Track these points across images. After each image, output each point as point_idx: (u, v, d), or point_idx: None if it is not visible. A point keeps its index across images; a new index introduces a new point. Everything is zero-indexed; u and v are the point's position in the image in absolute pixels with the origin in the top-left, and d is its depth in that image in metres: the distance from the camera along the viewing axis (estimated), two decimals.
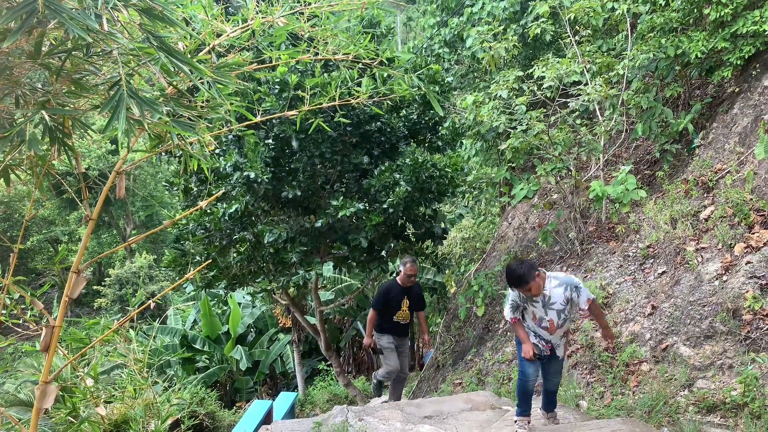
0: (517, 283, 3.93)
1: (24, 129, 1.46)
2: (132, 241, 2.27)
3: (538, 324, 4.18)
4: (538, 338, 4.23)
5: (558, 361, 4.35)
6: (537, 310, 4.14)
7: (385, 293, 6.14)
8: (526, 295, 4.03)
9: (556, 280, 4.05)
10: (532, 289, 3.95)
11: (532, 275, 3.91)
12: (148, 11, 1.35)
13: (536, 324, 4.19)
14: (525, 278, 3.89)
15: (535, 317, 4.18)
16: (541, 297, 4.04)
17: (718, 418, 4.13)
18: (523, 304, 4.19)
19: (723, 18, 5.69)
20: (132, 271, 20.94)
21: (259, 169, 6.03)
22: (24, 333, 2.47)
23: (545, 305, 4.07)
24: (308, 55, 2.20)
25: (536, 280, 3.93)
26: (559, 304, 4.05)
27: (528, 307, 4.17)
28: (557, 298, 4.04)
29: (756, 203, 4.97)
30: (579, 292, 4.03)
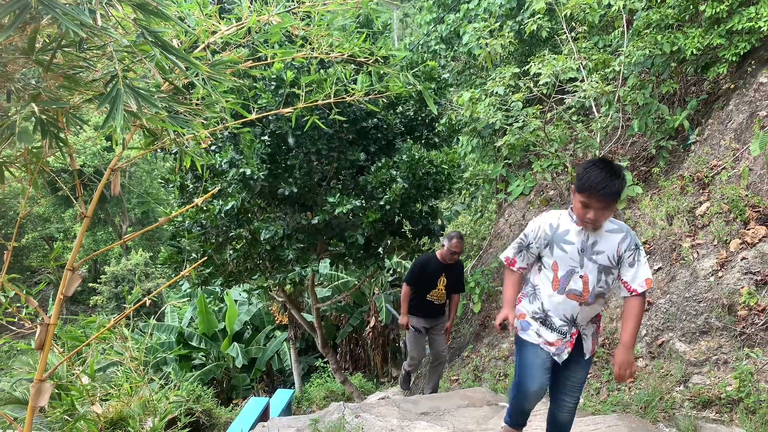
0: (619, 191, 2.57)
1: (14, 122, 1.45)
2: (128, 239, 2.26)
3: (561, 288, 2.78)
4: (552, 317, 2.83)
5: (583, 364, 2.94)
6: (566, 258, 2.74)
7: (421, 267, 5.50)
8: (586, 219, 2.63)
9: (612, 223, 2.76)
10: (607, 215, 2.63)
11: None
12: (143, 6, 1.34)
13: (558, 290, 2.79)
14: (620, 188, 2.58)
15: (558, 270, 2.77)
16: (582, 235, 2.73)
17: (714, 414, 4.14)
18: (542, 241, 2.82)
19: (718, 14, 5.69)
20: (128, 269, 20.89)
21: (256, 166, 6.01)
22: (19, 331, 2.46)
23: (585, 250, 2.72)
24: (303, 53, 2.20)
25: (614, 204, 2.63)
26: (606, 256, 2.72)
27: (551, 251, 2.79)
28: (607, 245, 2.72)
29: (751, 199, 4.99)
30: (639, 255, 2.72)
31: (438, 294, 5.51)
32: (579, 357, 2.93)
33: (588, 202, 2.59)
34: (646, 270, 2.73)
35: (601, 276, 2.75)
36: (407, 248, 7.57)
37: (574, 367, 2.94)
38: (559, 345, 2.87)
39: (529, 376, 2.90)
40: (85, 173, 9.66)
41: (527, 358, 2.92)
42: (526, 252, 2.93)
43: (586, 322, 2.88)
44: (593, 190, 2.55)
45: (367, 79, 2.43)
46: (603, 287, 2.78)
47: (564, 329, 2.86)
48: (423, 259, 5.63)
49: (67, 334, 2.76)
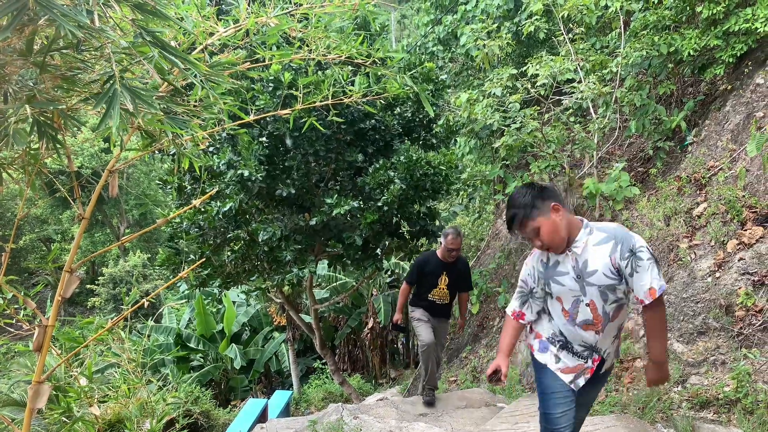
0: (513, 218, 2.46)
1: (9, 124, 1.45)
2: (125, 240, 2.26)
3: (571, 319, 2.57)
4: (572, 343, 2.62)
5: (598, 382, 2.77)
6: (565, 290, 2.53)
7: (419, 265, 5.28)
8: (536, 246, 2.52)
9: (600, 232, 2.46)
10: (542, 236, 2.43)
11: (542, 206, 2.41)
12: (141, 6, 1.34)
13: (569, 320, 2.59)
14: (527, 209, 2.42)
15: (564, 305, 2.57)
16: (570, 260, 2.49)
17: (711, 414, 4.15)
18: (540, 281, 2.62)
19: (715, 16, 5.71)
20: (126, 270, 20.86)
21: (253, 167, 6.02)
22: (17, 333, 2.46)
23: (579, 276, 2.48)
24: (301, 55, 2.20)
25: (551, 218, 2.41)
26: (602, 274, 2.43)
27: (550, 288, 2.58)
28: (599, 262, 2.43)
29: (748, 200, 5.00)
30: (638, 261, 2.38)
31: (440, 293, 5.26)
32: (600, 378, 2.74)
33: (523, 234, 2.55)
34: (649, 277, 2.38)
35: (608, 296, 2.48)
36: (405, 249, 7.57)
37: (589, 386, 2.70)
38: (578, 371, 2.65)
39: (553, 402, 2.66)
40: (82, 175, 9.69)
41: (548, 382, 2.69)
42: (532, 300, 2.71)
43: (608, 343, 2.64)
44: (509, 227, 2.57)
45: (365, 81, 2.43)
46: (615, 303, 2.51)
47: (585, 354, 2.64)
48: (422, 257, 5.41)
49: (64, 335, 2.76)
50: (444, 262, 5.24)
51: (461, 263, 5.41)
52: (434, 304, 5.28)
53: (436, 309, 5.31)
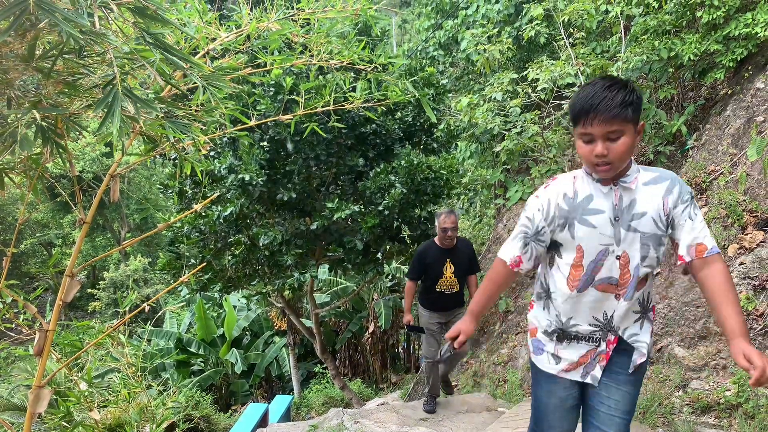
0: (610, 101, 1.80)
1: (16, 130, 1.45)
2: (126, 245, 2.26)
3: (586, 276, 2.01)
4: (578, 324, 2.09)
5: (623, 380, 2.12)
6: (594, 235, 1.96)
7: (420, 257, 4.83)
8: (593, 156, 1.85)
9: (649, 172, 1.99)
10: (618, 147, 1.84)
11: (637, 115, 1.87)
12: (142, 10, 1.34)
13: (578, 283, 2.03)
14: (632, 104, 1.83)
15: (584, 256, 2.00)
16: (613, 196, 1.95)
17: (713, 419, 4.14)
18: (557, 220, 2.03)
19: (715, 20, 5.72)
20: (126, 275, 20.87)
21: (254, 172, 6.02)
22: (17, 337, 2.46)
23: (618, 218, 1.94)
24: (302, 60, 2.21)
25: (634, 135, 1.88)
26: (651, 218, 1.93)
27: (572, 232, 2.00)
28: (649, 204, 1.94)
29: (749, 204, 5.00)
30: (696, 211, 1.96)
31: (448, 282, 4.81)
32: (617, 371, 2.11)
33: (589, 132, 1.83)
34: (705, 230, 1.95)
35: (649, 250, 1.94)
36: (406, 253, 7.57)
37: (609, 385, 2.11)
38: (587, 362, 2.11)
39: (545, 422, 2.23)
40: (84, 179, 9.69)
41: (541, 398, 2.24)
42: (535, 244, 2.10)
43: (630, 321, 2.06)
44: (588, 108, 1.81)
45: (366, 86, 2.44)
46: (651, 265, 1.98)
47: (597, 335, 2.08)
48: (421, 248, 4.94)
49: (64, 340, 2.76)
50: (445, 249, 4.82)
51: (463, 245, 4.96)
52: (444, 295, 4.85)
53: (447, 300, 4.87)
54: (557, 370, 2.18)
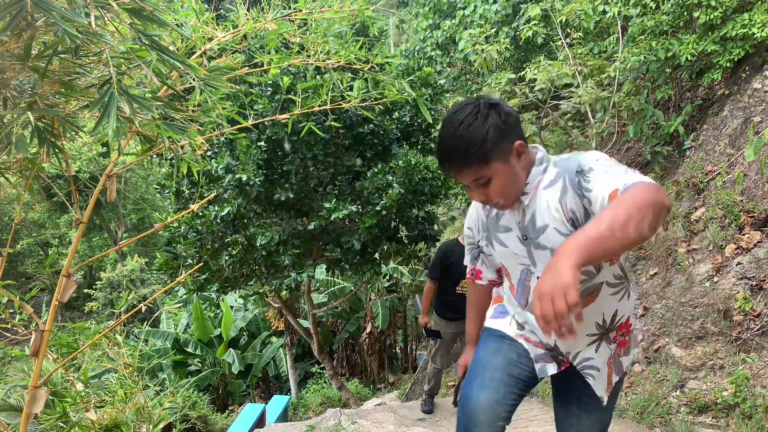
0: (452, 157, 1.59)
1: (11, 131, 1.45)
2: (123, 245, 2.25)
3: (520, 296, 1.82)
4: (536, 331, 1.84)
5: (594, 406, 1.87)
6: (509, 255, 1.79)
7: (442, 258, 4.56)
8: (476, 200, 1.70)
9: (554, 168, 1.69)
10: (493, 190, 1.62)
11: (503, 145, 1.58)
12: (138, 11, 1.34)
13: (518, 294, 1.83)
14: (480, 149, 1.54)
15: (510, 275, 1.84)
16: (517, 212, 1.73)
17: (710, 419, 4.15)
18: (484, 236, 1.87)
19: (712, 21, 5.73)
20: (123, 275, 20.83)
21: (252, 172, 6.01)
22: (13, 337, 2.45)
23: (527, 235, 1.72)
24: (299, 60, 2.20)
25: (510, 163, 1.61)
26: (554, 230, 1.66)
27: (492, 246, 1.83)
28: (549, 214, 1.67)
29: (746, 205, 5.01)
30: (588, 175, 1.56)
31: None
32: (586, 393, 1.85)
33: (459, 182, 1.66)
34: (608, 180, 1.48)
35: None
36: (403, 254, 7.57)
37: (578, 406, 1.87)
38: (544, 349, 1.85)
39: (475, 379, 1.83)
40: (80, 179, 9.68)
41: (482, 357, 1.88)
42: (484, 256, 1.96)
43: (581, 344, 1.78)
44: (441, 162, 1.63)
45: (364, 86, 2.44)
46: (581, 279, 1.64)
47: (539, 347, 1.87)
48: (444, 247, 4.69)
49: (59, 340, 2.75)
50: None
51: None
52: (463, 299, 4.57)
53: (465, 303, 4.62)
54: (515, 334, 1.88)
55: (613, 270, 1.72)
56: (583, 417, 1.90)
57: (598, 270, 1.69)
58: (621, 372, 1.88)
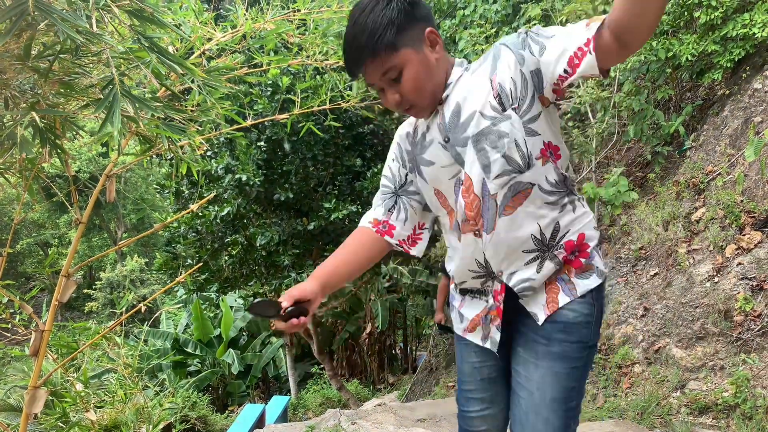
0: (359, 48, 1.41)
1: (14, 131, 1.45)
2: (123, 245, 2.25)
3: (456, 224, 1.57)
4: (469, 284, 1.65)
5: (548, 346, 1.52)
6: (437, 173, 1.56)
7: None
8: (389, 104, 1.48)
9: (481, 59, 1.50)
10: (405, 83, 1.43)
11: (412, 30, 1.42)
12: (138, 13, 1.34)
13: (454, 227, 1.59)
14: (385, 33, 1.37)
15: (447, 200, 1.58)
16: (438, 118, 1.52)
17: (710, 420, 4.14)
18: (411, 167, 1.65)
19: (713, 21, 5.73)
20: (123, 275, 20.83)
21: (251, 172, 6.01)
22: (13, 337, 2.45)
23: (450, 135, 1.49)
24: (298, 60, 2.20)
25: (423, 52, 1.44)
26: (479, 114, 1.42)
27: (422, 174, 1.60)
28: (477, 98, 1.44)
29: (746, 205, 5.00)
30: (539, 33, 1.39)
31: None
32: (534, 337, 1.55)
33: (369, 84, 1.48)
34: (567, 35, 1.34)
35: (487, 153, 1.42)
36: (403, 254, 7.56)
37: (527, 360, 1.56)
38: (482, 320, 1.63)
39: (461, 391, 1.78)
40: (80, 179, 9.67)
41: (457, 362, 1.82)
42: (407, 199, 1.68)
43: (518, 261, 1.51)
44: (348, 64, 1.48)
45: (363, 85, 2.43)
46: (506, 170, 1.42)
47: (482, 286, 1.61)
48: None
49: (59, 340, 2.75)
50: None
51: None
52: None
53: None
54: (461, 330, 1.75)
55: (547, 172, 1.47)
56: (530, 364, 1.55)
57: (528, 166, 1.44)
58: (572, 294, 1.52)
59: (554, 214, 1.51)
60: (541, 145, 1.48)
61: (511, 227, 1.48)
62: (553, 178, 1.50)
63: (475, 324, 1.68)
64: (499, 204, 1.47)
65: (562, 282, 1.54)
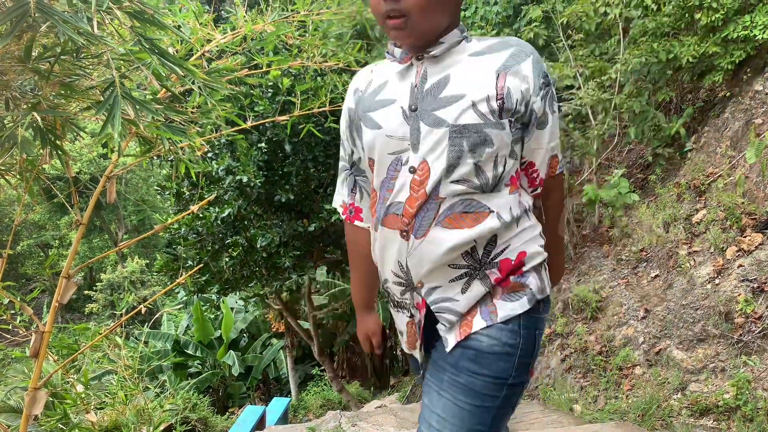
0: None
1: (15, 132, 1.45)
2: (123, 246, 2.25)
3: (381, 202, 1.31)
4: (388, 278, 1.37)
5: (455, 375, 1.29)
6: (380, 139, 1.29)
7: None
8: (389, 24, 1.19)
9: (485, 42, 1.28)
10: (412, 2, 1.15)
11: None
12: (139, 14, 1.34)
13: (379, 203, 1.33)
14: None
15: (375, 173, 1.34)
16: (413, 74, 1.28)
17: (711, 422, 4.14)
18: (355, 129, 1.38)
19: (714, 23, 5.73)
20: (124, 276, 20.83)
21: (252, 173, 6.01)
22: (13, 339, 2.45)
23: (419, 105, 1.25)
24: (298, 62, 2.20)
25: None
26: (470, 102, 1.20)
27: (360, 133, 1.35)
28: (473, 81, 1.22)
29: (747, 207, 5.00)
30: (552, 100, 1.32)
31: None
32: (437, 353, 1.38)
33: None
34: (554, 133, 1.36)
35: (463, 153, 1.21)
36: None
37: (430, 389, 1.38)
38: (413, 335, 1.41)
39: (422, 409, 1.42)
40: (80, 180, 9.69)
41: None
42: (360, 179, 1.46)
43: (441, 277, 1.28)
44: None
45: None
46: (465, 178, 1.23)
47: (405, 300, 1.36)
48: None
49: (59, 342, 2.75)
50: None
51: None
52: None
53: None
54: (405, 345, 1.49)
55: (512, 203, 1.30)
56: (433, 392, 1.34)
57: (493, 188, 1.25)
58: (491, 318, 1.27)
59: (494, 225, 1.27)
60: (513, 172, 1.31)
61: (443, 239, 1.24)
62: (517, 211, 1.31)
63: (411, 341, 1.44)
64: (441, 212, 1.24)
65: (482, 303, 1.30)
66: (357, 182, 1.48)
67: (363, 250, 1.51)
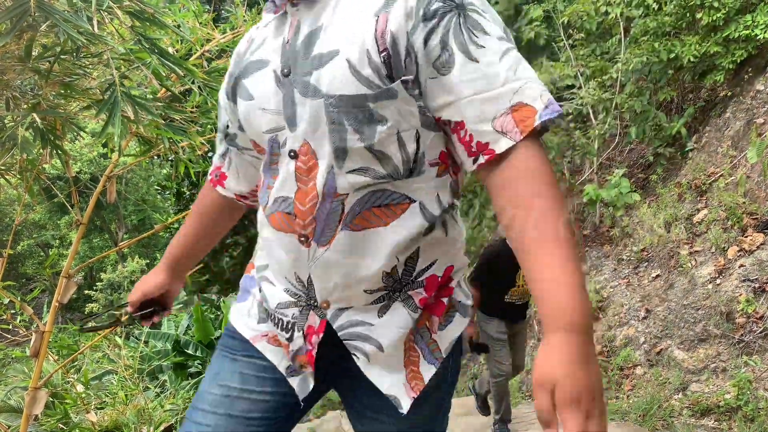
0: None
1: (15, 132, 1.44)
2: (124, 245, 2.24)
3: (265, 189, 1.00)
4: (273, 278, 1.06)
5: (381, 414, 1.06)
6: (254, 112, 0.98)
7: (489, 261, 3.96)
8: None
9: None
10: None
11: None
12: (140, 14, 1.33)
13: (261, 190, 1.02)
14: None
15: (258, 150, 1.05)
16: (288, 29, 0.95)
17: (712, 422, 4.13)
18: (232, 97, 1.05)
19: (715, 22, 5.72)
20: (124, 276, 20.83)
21: None
22: (14, 338, 2.44)
23: (293, 66, 0.91)
24: None
25: None
26: (343, 64, 0.86)
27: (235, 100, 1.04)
28: (347, 32, 0.87)
29: (749, 207, 4.99)
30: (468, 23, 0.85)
31: (519, 292, 3.99)
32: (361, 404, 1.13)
33: None
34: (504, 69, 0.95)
35: (345, 134, 0.89)
36: None
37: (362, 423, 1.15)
38: (287, 349, 1.07)
39: (186, 421, 1.10)
40: (81, 180, 9.71)
41: (210, 368, 1.20)
42: (235, 152, 1.20)
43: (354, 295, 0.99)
44: None
45: None
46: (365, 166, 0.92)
47: (289, 314, 1.04)
48: (491, 251, 4.08)
49: (60, 342, 2.75)
50: None
51: None
52: (513, 306, 4.05)
53: (515, 312, 4.10)
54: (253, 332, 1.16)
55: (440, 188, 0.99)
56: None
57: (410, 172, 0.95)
58: (435, 358, 1.05)
59: (417, 236, 0.97)
60: (442, 146, 0.97)
61: (354, 248, 0.95)
62: (447, 199, 1.01)
63: (285, 348, 1.08)
64: (347, 211, 0.93)
65: (421, 340, 1.04)
66: (229, 150, 1.21)
67: (203, 209, 1.29)
